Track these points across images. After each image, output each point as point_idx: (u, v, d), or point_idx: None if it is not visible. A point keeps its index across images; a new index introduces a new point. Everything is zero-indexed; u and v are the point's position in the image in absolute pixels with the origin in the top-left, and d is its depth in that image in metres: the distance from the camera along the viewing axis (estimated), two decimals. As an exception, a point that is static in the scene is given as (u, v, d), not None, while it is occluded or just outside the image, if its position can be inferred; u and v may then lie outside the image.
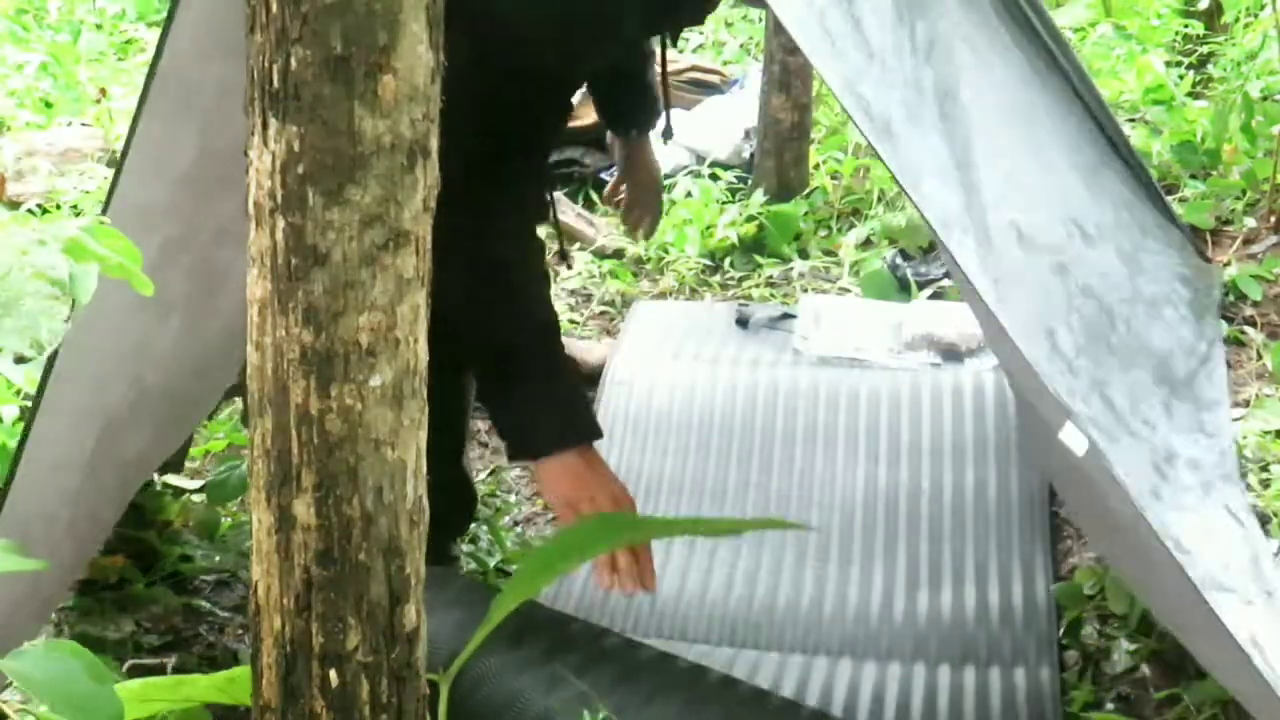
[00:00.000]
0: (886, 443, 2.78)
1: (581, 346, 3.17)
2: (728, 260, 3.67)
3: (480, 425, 2.97)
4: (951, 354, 3.03)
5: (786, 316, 3.25)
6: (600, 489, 1.99)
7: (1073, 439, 1.69)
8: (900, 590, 2.43)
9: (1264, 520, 2.35)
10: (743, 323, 3.24)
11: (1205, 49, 4.38)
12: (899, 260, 3.46)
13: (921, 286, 3.37)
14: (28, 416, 1.88)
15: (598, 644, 1.93)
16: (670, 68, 4.21)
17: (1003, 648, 2.30)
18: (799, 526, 1.88)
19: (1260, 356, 2.99)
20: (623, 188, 2.88)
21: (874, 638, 2.33)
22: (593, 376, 3.04)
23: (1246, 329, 3.07)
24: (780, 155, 3.82)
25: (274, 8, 1.09)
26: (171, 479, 2.61)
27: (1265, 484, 2.59)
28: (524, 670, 1.84)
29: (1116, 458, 1.85)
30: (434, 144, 1.15)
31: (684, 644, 2.30)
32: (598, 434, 2.00)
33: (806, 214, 3.74)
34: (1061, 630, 2.31)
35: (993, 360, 2.93)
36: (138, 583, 2.37)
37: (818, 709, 2.01)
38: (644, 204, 2.87)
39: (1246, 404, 2.83)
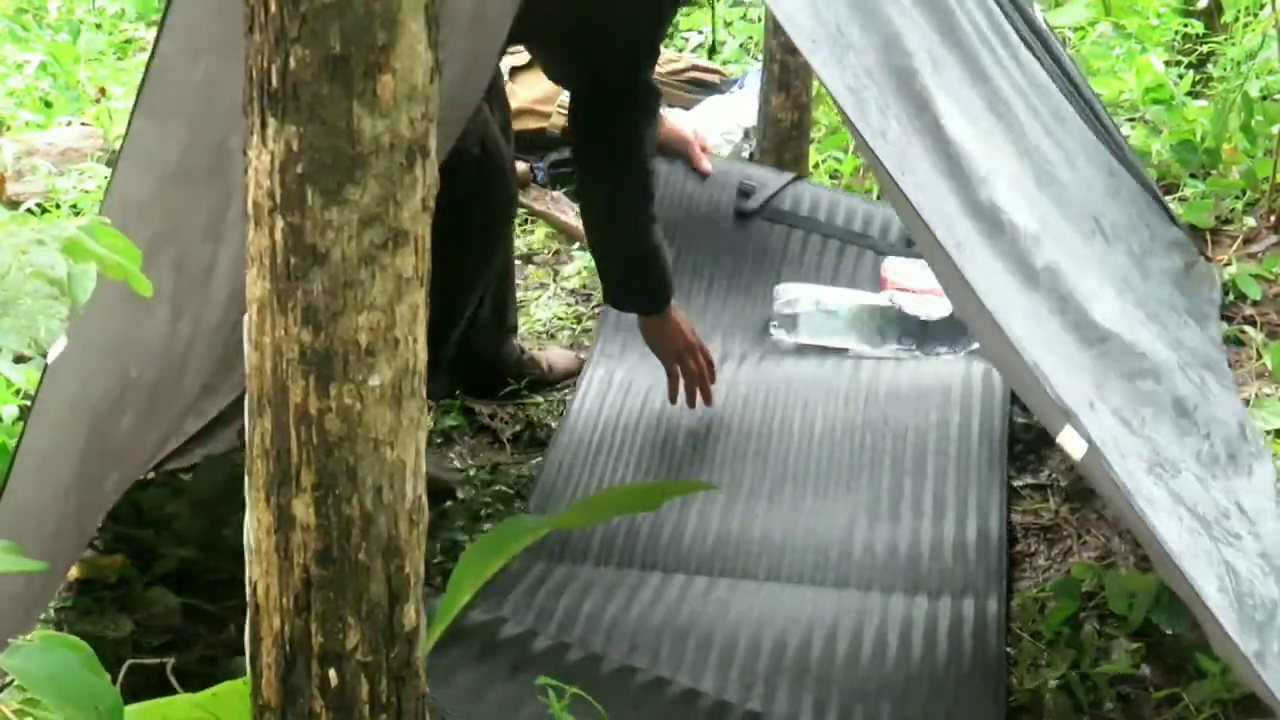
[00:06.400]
0: (856, 392, 2.91)
1: (555, 354, 3.20)
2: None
3: (483, 409, 2.99)
4: (927, 338, 3.08)
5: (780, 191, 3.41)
6: (691, 347, 2.80)
7: (1071, 443, 1.69)
8: (861, 522, 2.57)
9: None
10: (741, 214, 3.37)
11: (1205, 48, 4.37)
12: None
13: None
14: (26, 415, 1.88)
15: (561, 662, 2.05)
16: (670, 68, 4.26)
17: (954, 579, 2.43)
18: (707, 486, 2.18)
19: (1260, 356, 2.98)
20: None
21: (834, 566, 2.48)
22: (566, 373, 3.12)
23: (1246, 328, 3.07)
24: (780, 155, 3.81)
25: (273, 7, 1.09)
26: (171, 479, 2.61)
27: (1265, 484, 2.59)
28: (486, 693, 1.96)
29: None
30: (433, 143, 1.15)
31: (658, 573, 2.47)
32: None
33: (806, 213, 3.74)
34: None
35: (957, 350, 3.04)
36: (137, 583, 2.37)
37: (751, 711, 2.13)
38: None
39: (1246, 404, 2.83)
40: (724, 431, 2.85)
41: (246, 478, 1.22)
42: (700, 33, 5.07)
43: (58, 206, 3.76)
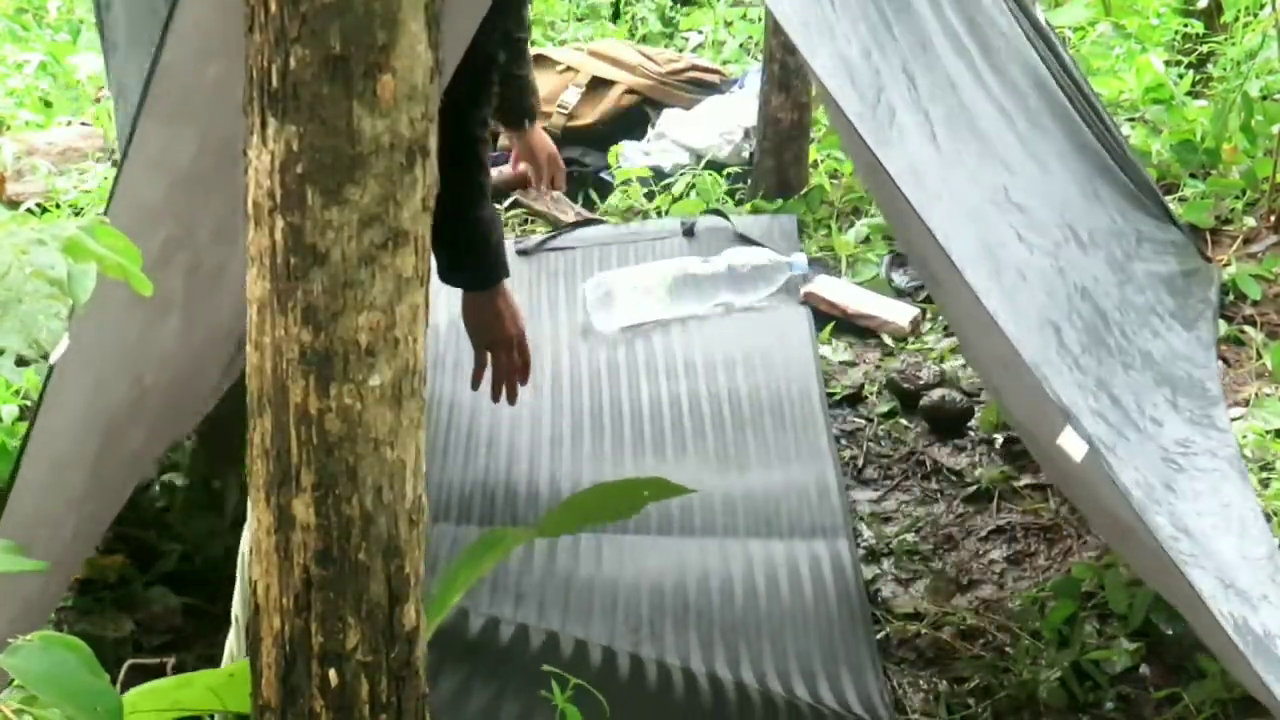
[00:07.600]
0: (680, 366, 3.06)
1: None
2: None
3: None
4: (741, 289, 3.24)
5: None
6: (509, 340, 2.60)
7: (1071, 444, 1.68)
8: (712, 476, 2.70)
9: (1264, 520, 2.35)
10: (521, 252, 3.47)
11: (1205, 48, 4.37)
12: (893, 270, 3.45)
13: (917, 293, 3.36)
14: (30, 417, 1.87)
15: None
16: (670, 68, 4.26)
17: (801, 522, 2.59)
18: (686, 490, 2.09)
19: (1260, 356, 2.98)
20: (523, 167, 3.44)
21: (694, 518, 2.59)
22: None
23: (1246, 328, 3.07)
24: (780, 154, 3.81)
25: (273, 7, 1.09)
26: (171, 479, 2.61)
27: (1265, 484, 2.59)
28: None
29: (1125, 454, 1.85)
30: (433, 143, 1.15)
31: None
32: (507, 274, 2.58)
33: (805, 212, 3.74)
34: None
35: (770, 290, 3.26)
36: (137, 582, 2.37)
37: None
38: (556, 174, 3.40)
39: (1246, 404, 2.83)
40: (559, 410, 2.92)
41: (247, 478, 1.22)
42: (700, 32, 5.07)
43: (58, 206, 3.76)
